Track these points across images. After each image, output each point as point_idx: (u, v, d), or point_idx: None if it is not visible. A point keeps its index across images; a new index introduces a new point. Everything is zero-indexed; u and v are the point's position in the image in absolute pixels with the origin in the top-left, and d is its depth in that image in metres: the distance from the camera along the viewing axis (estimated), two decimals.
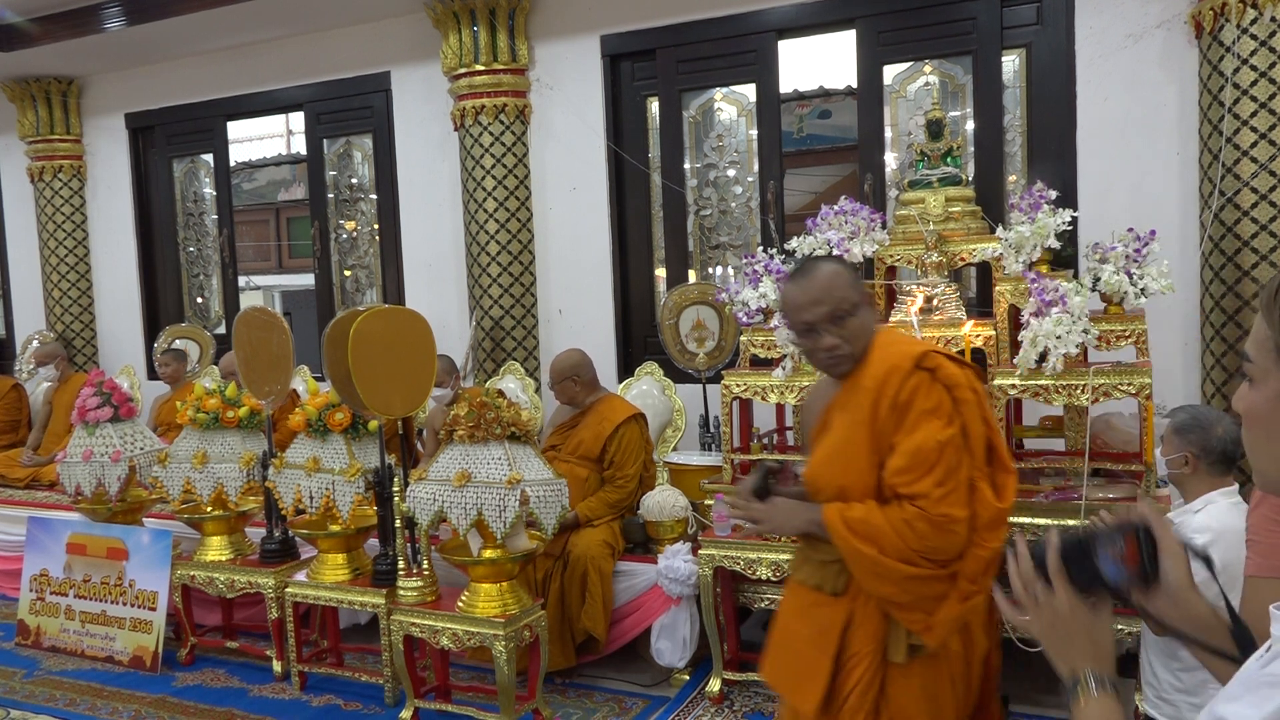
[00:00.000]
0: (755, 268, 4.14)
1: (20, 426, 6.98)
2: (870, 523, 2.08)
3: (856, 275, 2.33)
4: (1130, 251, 3.69)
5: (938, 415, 2.07)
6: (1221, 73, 4.26)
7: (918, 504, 2.04)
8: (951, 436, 2.07)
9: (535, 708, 3.85)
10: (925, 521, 2.04)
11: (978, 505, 2.10)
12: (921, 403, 2.08)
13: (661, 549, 4.28)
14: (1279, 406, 1.04)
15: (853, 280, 2.26)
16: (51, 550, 5.02)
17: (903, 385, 2.09)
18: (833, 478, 2.21)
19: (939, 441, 2.05)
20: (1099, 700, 1.19)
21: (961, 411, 2.10)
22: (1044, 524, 3.63)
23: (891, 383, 2.10)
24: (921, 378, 2.10)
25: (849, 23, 5.34)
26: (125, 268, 7.66)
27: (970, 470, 2.10)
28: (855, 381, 2.20)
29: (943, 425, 2.07)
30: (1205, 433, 2.79)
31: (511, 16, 5.77)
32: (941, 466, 2.05)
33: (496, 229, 5.86)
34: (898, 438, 2.09)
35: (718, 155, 5.83)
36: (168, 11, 6.07)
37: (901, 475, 2.07)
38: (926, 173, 4.20)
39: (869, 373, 2.17)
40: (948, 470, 2.05)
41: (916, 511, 2.04)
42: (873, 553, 2.06)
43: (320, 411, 4.21)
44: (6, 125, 7.71)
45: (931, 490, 2.04)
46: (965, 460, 2.09)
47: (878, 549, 2.06)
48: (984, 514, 2.11)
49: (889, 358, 2.15)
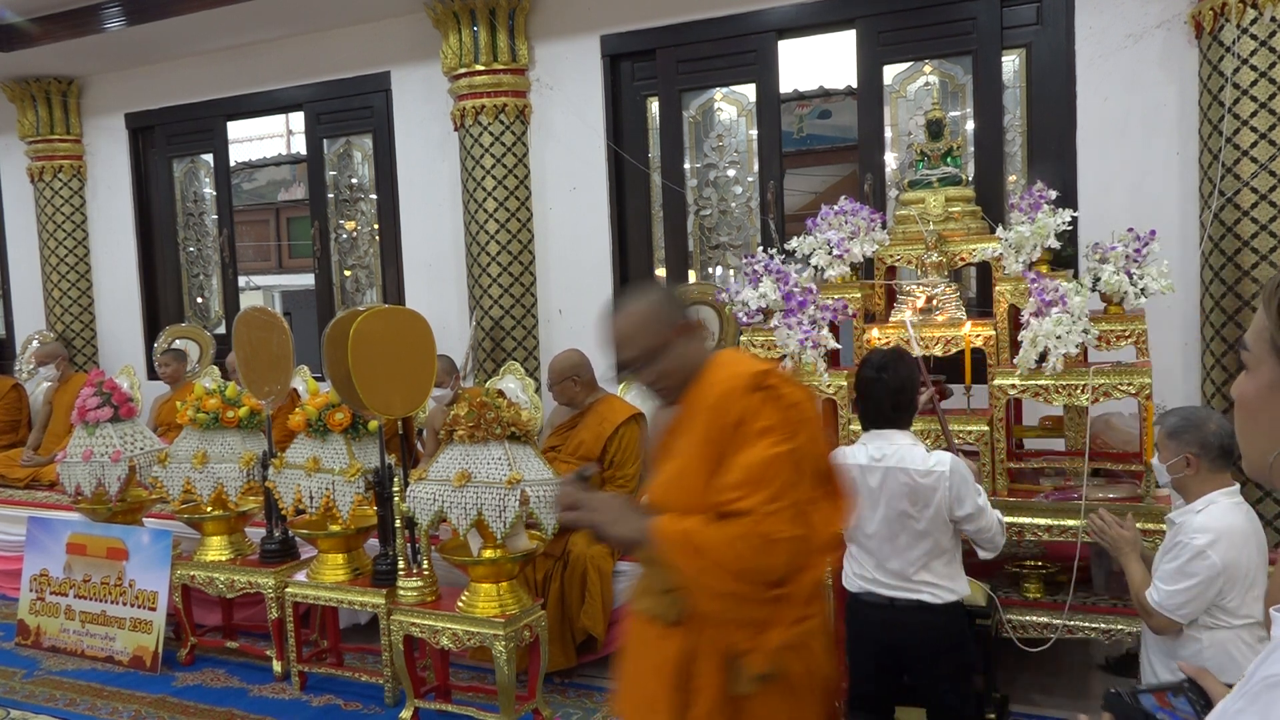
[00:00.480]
0: (755, 268, 4.14)
1: (20, 426, 6.98)
2: (698, 535, 2.00)
3: (671, 304, 2.22)
4: (1130, 251, 3.69)
5: (773, 433, 2.01)
6: (1221, 73, 4.26)
7: (746, 520, 1.96)
8: (785, 454, 2.00)
9: (535, 708, 3.85)
10: (754, 539, 1.95)
11: (809, 528, 2.03)
12: (758, 421, 2.02)
13: None
14: (1269, 395, 1.08)
15: (663, 315, 2.17)
16: (51, 550, 5.02)
17: (739, 404, 2.04)
18: (675, 500, 2.13)
19: (771, 457, 1.99)
20: None
21: (799, 431, 2.04)
22: (1044, 524, 3.64)
23: (729, 402, 2.05)
24: (759, 397, 2.05)
25: (849, 23, 5.34)
26: (125, 268, 7.66)
27: (804, 491, 2.03)
28: (692, 403, 2.16)
29: (776, 442, 2.00)
30: (1200, 431, 2.79)
31: (511, 16, 5.77)
32: (772, 483, 1.98)
33: (496, 229, 5.86)
34: (733, 456, 2.03)
35: (718, 155, 5.83)
36: (168, 11, 6.07)
37: (732, 491, 1.99)
38: (926, 173, 4.20)
39: (706, 393, 2.12)
40: (780, 487, 1.98)
41: (744, 528, 1.96)
42: (697, 566, 1.99)
43: (320, 411, 4.21)
44: (6, 125, 7.71)
45: (760, 506, 1.96)
46: (799, 480, 2.02)
47: (702, 563, 1.99)
48: (815, 537, 2.05)
49: (726, 378, 2.10)
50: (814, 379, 3.93)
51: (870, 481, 2.95)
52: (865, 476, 2.96)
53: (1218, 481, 2.77)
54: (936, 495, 2.88)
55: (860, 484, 2.95)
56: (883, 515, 2.94)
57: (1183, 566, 2.68)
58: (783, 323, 3.93)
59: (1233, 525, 2.69)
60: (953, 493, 2.89)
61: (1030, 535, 3.67)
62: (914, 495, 2.90)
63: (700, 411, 2.11)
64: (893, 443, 2.96)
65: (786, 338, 3.91)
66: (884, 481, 2.94)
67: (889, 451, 2.95)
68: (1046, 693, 3.97)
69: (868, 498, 2.95)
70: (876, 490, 2.95)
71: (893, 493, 2.92)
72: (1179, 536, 2.73)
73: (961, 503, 2.90)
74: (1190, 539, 2.68)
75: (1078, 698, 3.96)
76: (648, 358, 2.17)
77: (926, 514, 2.90)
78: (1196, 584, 2.66)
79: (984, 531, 2.97)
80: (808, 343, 3.88)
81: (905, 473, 2.91)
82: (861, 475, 2.96)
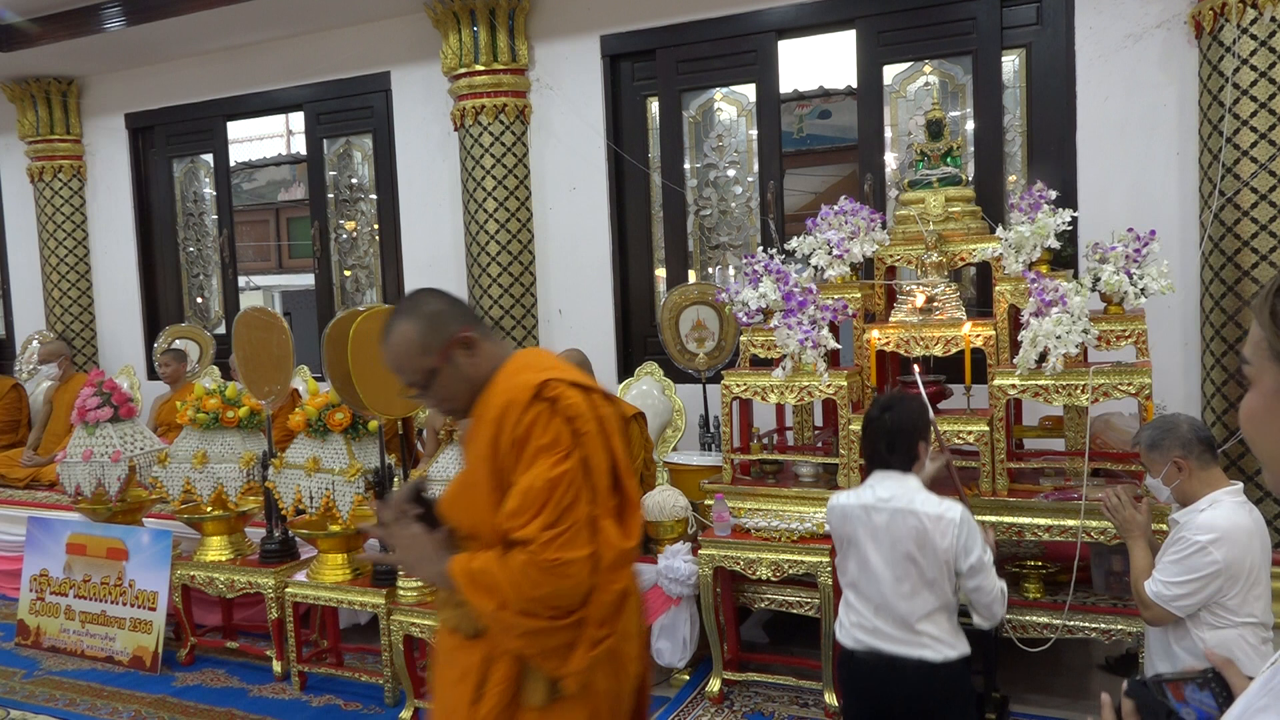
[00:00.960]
0: (755, 268, 4.14)
1: (20, 426, 6.98)
2: (487, 574, 1.93)
3: (440, 320, 2.07)
4: (1130, 251, 3.69)
5: (554, 450, 1.92)
6: (1221, 73, 4.26)
7: (528, 549, 1.88)
8: (565, 472, 1.91)
9: None
10: (536, 568, 1.88)
11: (601, 545, 1.95)
12: (538, 437, 1.93)
13: (661, 549, 4.27)
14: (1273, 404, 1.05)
15: (430, 337, 2.05)
16: (51, 550, 5.02)
17: (520, 419, 1.94)
18: (462, 517, 2.08)
19: (549, 480, 1.90)
20: None
21: (582, 444, 1.95)
22: (1044, 524, 3.64)
23: (510, 416, 1.95)
24: (540, 409, 1.94)
25: (849, 23, 5.34)
26: (125, 268, 7.66)
27: (591, 507, 1.95)
28: (479, 415, 2.06)
29: (557, 460, 1.91)
30: (1175, 433, 2.80)
31: (511, 16, 5.77)
32: (552, 507, 1.89)
33: (496, 229, 5.86)
34: (516, 476, 1.95)
35: (718, 155, 5.83)
36: (168, 11, 6.08)
37: (512, 519, 1.91)
38: (926, 173, 4.20)
39: (490, 406, 2.01)
40: (559, 510, 1.90)
41: (527, 558, 1.88)
42: (493, 607, 1.92)
43: (320, 411, 4.21)
44: (6, 125, 7.72)
45: (540, 534, 1.88)
46: (584, 496, 1.93)
47: (498, 603, 1.91)
48: (607, 554, 1.96)
49: (509, 389, 2.00)
50: (814, 379, 3.93)
51: (876, 521, 2.83)
52: (870, 516, 2.84)
53: (1214, 477, 2.78)
54: (944, 542, 2.76)
55: (864, 524, 2.84)
56: (887, 558, 2.81)
57: (1184, 560, 2.69)
58: (783, 323, 3.93)
59: (1237, 524, 2.69)
60: (961, 541, 2.77)
61: (1030, 535, 3.67)
62: (921, 539, 2.77)
63: (484, 425, 2.01)
64: (902, 485, 2.85)
65: (786, 338, 3.91)
66: (890, 522, 2.81)
67: (898, 493, 2.83)
68: (1046, 693, 3.97)
69: (871, 538, 2.83)
70: (882, 531, 2.82)
71: (899, 535, 2.80)
72: (1182, 533, 2.74)
73: (969, 553, 2.77)
74: (1194, 536, 2.69)
75: (1078, 698, 3.96)
76: (421, 384, 2.08)
77: (933, 561, 2.77)
78: (1197, 579, 2.66)
79: (984, 592, 2.83)
80: (808, 343, 3.88)
81: (915, 515, 2.79)
82: (866, 515, 2.85)
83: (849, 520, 2.90)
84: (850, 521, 2.89)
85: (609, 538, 1.98)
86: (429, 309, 2.09)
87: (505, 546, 1.94)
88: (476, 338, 2.07)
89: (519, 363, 2.11)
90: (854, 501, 2.90)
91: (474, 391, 2.08)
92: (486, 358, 2.09)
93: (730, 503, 4.05)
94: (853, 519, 2.88)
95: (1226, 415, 4.37)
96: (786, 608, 4.01)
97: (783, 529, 3.87)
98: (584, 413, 1.98)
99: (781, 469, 4.23)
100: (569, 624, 1.95)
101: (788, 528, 3.86)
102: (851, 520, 2.89)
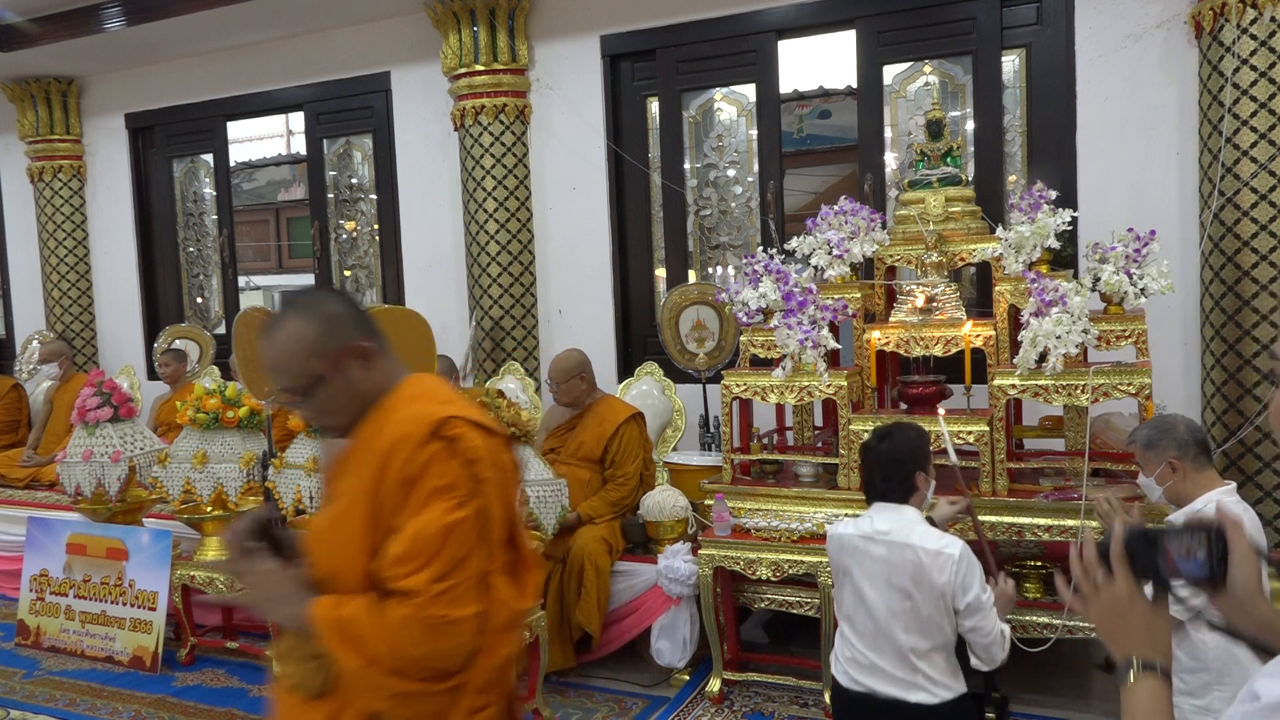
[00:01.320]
0: (755, 268, 4.14)
1: (20, 426, 6.98)
2: (358, 624, 1.70)
3: (336, 324, 1.85)
4: (1130, 251, 3.69)
5: (450, 494, 1.72)
6: (1221, 73, 4.26)
7: (411, 602, 1.68)
8: (462, 520, 1.71)
9: (535, 708, 3.85)
10: (419, 624, 1.68)
11: (492, 603, 1.77)
12: (434, 478, 1.72)
13: (661, 549, 4.28)
14: None
15: (322, 340, 1.82)
16: (51, 550, 5.02)
17: (413, 455, 1.73)
18: (326, 555, 1.82)
19: (444, 526, 1.70)
20: (1146, 682, 1.22)
21: (481, 491, 1.76)
22: (1044, 524, 3.64)
23: (401, 452, 1.73)
24: (437, 448, 1.73)
25: (849, 23, 5.34)
26: (125, 268, 7.66)
27: (485, 561, 1.76)
28: (364, 441, 1.84)
29: (453, 506, 1.71)
30: (1172, 434, 2.79)
31: (511, 16, 5.77)
32: (444, 557, 1.70)
33: (496, 229, 5.86)
34: (400, 519, 1.72)
35: (718, 155, 5.83)
36: (168, 11, 6.08)
37: (397, 566, 1.70)
38: (926, 173, 4.20)
39: (380, 434, 1.79)
40: (452, 562, 1.70)
41: (409, 611, 1.68)
42: (359, 664, 1.70)
43: None
44: (6, 125, 7.72)
45: (428, 586, 1.68)
46: (479, 550, 1.74)
47: (366, 659, 1.70)
48: (499, 613, 1.78)
49: (404, 420, 1.78)
50: (814, 379, 3.93)
51: (874, 553, 2.78)
52: (868, 548, 2.79)
53: (1209, 479, 2.78)
54: (942, 577, 2.69)
55: (862, 555, 2.80)
56: (883, 592, 2.76)
57: None
58: (783, 323, 3.93)
59: None
60: (959, 579, 2.70)
61: (1030, 535, 3.67)
62: (918, 574, 2.71)
63: (370, 455, 1.78)
64: (900, 518, 2.80)
65: (786, 338, 3.91)
66: (888, 556, 2.76)
67: (896, 526, 2.78)
68: (1046, 693, 3.97)
69: (868, 570, 2.79)
70: (879, 563, 2.77)
71: (896, 569, 2.74)
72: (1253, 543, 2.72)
73: (966, 590, 2.70)
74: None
75: (1078, 698, 3.96)
76: (302, 390, 1.84)
77: (929, 596, 2.71)
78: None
79: (982, 633, 2.74)
80: (808, 343, 3.88)
81: (912, 549, 2.73)
82: (864, 546, 2.80)
83: (845, 551, 2.86)
84: (846, 552, 2.85)
85: (501, 596, 1.80)
86: (328, 310, 1.88)
87: (381, 595, 1.72)
88: (375, 350, 1.87)
89: (415, 389, 1.89)
90: (853, 532, 2.85)
91: (359, 410, 1.86)
92: (381, 375, 1.88)
93: (730, 503, 4.05)
94: (849, 550, 2.84)
95: (1226, 415, 4.37)
96: (786, 608, 4.01)
97: (782, 529, 3.87)
98: (484, 457, 1.78)
99: (781, 469, 4.23)
100: (445, 689, 1.75)
101: (787, 528, 3.86)
102: (848, 551, 2.84)
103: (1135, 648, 1.25)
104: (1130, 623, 1.26)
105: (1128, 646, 1.26)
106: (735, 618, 4.20)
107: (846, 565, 2.85)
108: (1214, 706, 2.63)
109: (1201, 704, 2.66)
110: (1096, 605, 1.28)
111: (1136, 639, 1.25)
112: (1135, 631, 1.26)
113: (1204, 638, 2.70)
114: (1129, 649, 1.25)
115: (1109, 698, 3.92)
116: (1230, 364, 4.32)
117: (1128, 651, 1.25)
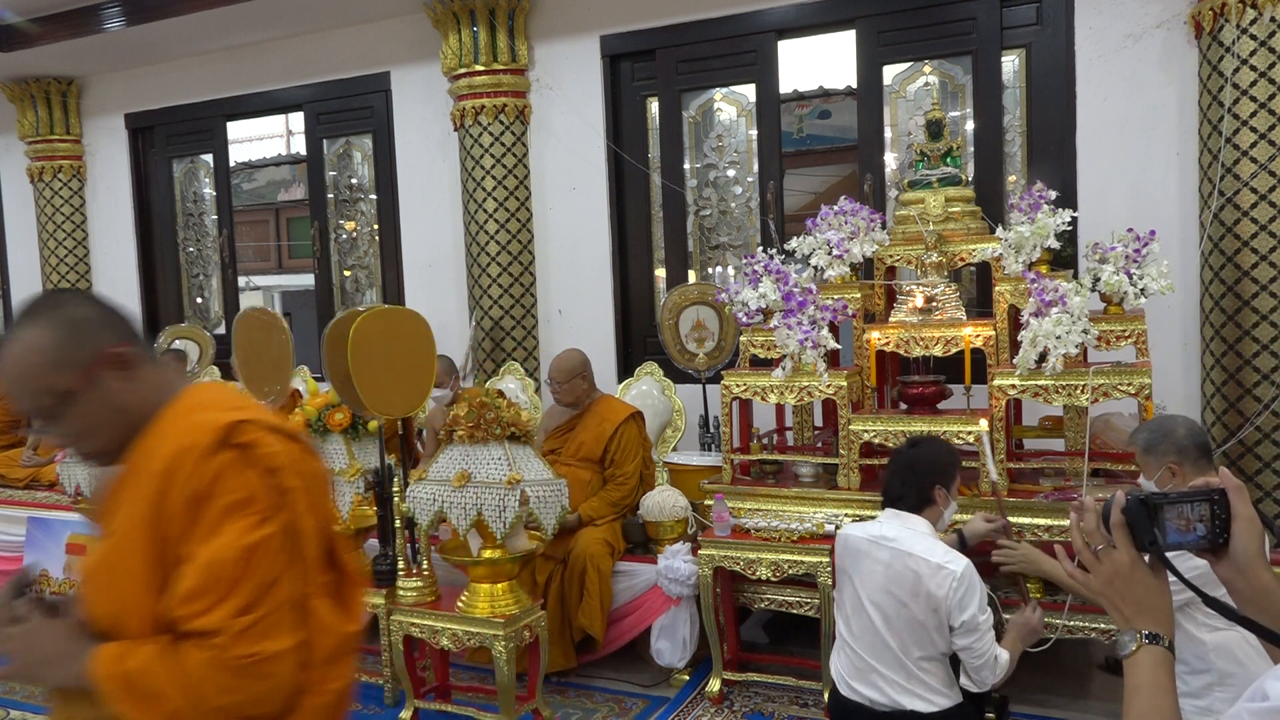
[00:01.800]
0: (755, 268, 4.14)
1: (20, 426, 6.97)
2: (148, 677, 1.44)
3: (87, 328, 1.57)
4: (1130, 251, 3.69)
5: (248, 510, 1.48)
6: (1221, 73, 4.26)
7: (211, 643, 1.43)
8: (266, 539, 1.47)
9: (535, 708, 3.85)
10: (224, 669, 1.43)
11: (314, 631, 1.53)
12: (226, 493, 1.47)
13: (661, 549, 4.28)
14: None
15: (67, 349, 1.53)
16: (51, 550, 5.02)
17: (198, 469, 1.47)
18: (104, 599, 1.54)
19: (244, 548, 1.45)
20: (1150, 653, 1.21)
21: (288, 503, 1.52)
22: (1044, 524, 3.64)
23: (184, 466, 1.48)
24: (228, 458, 1.49)
25: (849, 23, 5.34)
26: (125, 268, 7.66)
27: (299, 585, 1.52)
28: (136, 465, 1.56)
29: (253, 524, 1.47)
30: (1172, 437, 2.79)
31: (511, 17, 5.77)
32: (248, 585, 1.45)
33: (496, 229, 5.86)
34: (190, 546, 1.47)
35: (717, 155, 5.83)
36: (168, 11, 6.08)
37: (191, 603, 1.44)
38: (926, 173, 4.20)
39: (155, 451, 1.52)
40: (258, 589, 1.46)
41: (210, 655, 1.43)
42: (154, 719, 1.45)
43: (320, 411, 4.21)
44: (6, 125, 7.71)
45: (229, 622, 1.43)
46: (290, 572, 1.51)
47: (164, 716, 1.44)
48: (324, 642, 1.55)
49: (184, 431, 1.52)
50: (814, 379, 3.93)
51: (877, 556, 2.77)
52: (873, 551, 2.78)
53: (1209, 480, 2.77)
54: (940, 591, 2.68)
55: (865, 558, 2.79)
56: (880, 597, 2.76)
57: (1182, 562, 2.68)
58: (783, 323, 3.93)
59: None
60: (957, 597, 2.68)
61: (1030, 535, 3.66)
62: (915, 585, 2.71)
63: (144, 478, 1.52)
64: (907, 526, 2.79)
65: (786, 338, 3.92)
66: (890, 562, 2.76)
67: (902, 534, 2.77)
68: (1046, 693, 3.97)
69: (868, 574, 2.79)
70: (880, 568, 2.76)
71: (895, 577, 2.74)
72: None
73: (963, 609, 2.68)
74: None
75: (1078, 697, 3.96)
76: (48, 411, 1.55)
77: (924, 608, 2.69)
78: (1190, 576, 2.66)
79: (974, 654, 2.71)
80: (807, 343, 3.88)
81: (914, 559, 2.72)
82: (869, 550, 2.79)
83: (850, 552, 2.86)
84: (851, 554, 2.85)
85: (324, 622, 1.56)
86: (71, 314, 1.58)
87: (176, 638, 1.46)
88: (135, 356, 1.58)
89: (196, 399, 1.63)
90: (859, 534, 2.85)
91: (126, 429, 1.58)
92: (149, 386, 1.60)
93: (730, 503, 4.05)
94: (854, 552, 2.84)
95: (1226, 415, 4.37)
96: (786, 608, 4.01)
97: (782, 529, 3.87)
98: (287, 465, 1.54)
99: (781, 469, 4.23)
100: None
101: (787, 528, 3.86)
102: (853, 553, 2.85)
103: (1137, 617, 1.24)
104: (1132, 592, 1.24)
105: (1130, 616, 1.24)
106: (735, 618, 4.20)
107: (850, 567, 2.86)
108: (1216, 708, 2.63)
109: (1203, 705, 2.66)
110: (1097, 575, 1.27)
111: (1139, 609, 1.24)
112: (1138, 602, 1.24)
113: (1204, 639, 2.70)
114: (1131, 620, 1.24)
115: (1109, 698, 3.92)
116: (1230, 364, 4.32)
117: (1130, 622, 1.24)
